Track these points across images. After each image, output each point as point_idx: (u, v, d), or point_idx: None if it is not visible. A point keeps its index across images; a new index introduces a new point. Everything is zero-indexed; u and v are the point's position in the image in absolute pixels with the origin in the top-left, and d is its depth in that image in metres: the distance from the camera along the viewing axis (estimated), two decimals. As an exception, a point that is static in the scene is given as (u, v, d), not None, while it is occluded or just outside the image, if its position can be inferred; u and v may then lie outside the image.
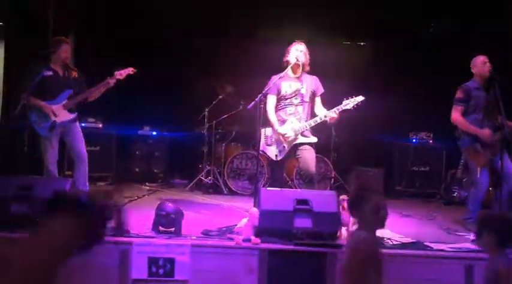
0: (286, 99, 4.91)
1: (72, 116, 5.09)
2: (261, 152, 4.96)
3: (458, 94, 5.01)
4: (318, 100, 5.00)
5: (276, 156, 4.88)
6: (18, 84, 6.30)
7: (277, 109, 4.97)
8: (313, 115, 4.97)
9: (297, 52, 4.87)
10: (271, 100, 4.93)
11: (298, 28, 6.53)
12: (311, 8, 7.33)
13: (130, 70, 5.11)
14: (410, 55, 7.72)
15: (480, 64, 4.97)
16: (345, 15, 7.55)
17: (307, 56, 4.96)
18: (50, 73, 5.02)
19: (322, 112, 4.85)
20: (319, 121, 4.83)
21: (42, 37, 6.18)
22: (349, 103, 4.71)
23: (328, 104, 4.96)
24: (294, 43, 4.97)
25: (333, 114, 4.75)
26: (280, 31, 6.55)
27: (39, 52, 5.19)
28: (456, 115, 4.98)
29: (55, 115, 4.96)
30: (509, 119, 4.85)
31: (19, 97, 5.10)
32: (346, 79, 7.08)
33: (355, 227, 2.92)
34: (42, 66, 5.04)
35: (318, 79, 5.03)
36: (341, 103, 4.74)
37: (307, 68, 5.00)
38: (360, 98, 4.72)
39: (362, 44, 8.17)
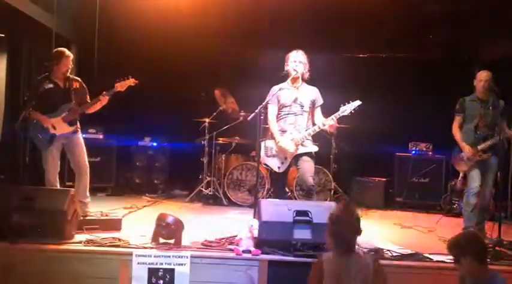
0: (286, 108, 4.90)
1: (72, 128, 5.06)
2: (263, 164, 4.98)
3: (456, 105, 5.28)
4: (317, 110, 4.99)
5: (279, 167, 4.88)
6: (20, 96, 6.35)
7: (277, 118, 4.95)
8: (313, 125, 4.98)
9: (295, 63, 4.88)
10: (272, 110, 4.92)
11: (300, 39, 6.55)
12: (313, 19, 7.37)
13: (131, 81, 5.07)
14: (411, 67, 7.77)
15: (477, 79, 5.14)
16: (346, 28, 7.60)
17: (306, 65, 4.94)
18: (51, 86, 5.00)
19: (321, 121, 4.87)
20: (318, 130, 4.82)
21: (44, 49, 6.21)
22: (347, 109, 4.72)
23: (329, 115, 4.97)
24: (292, 52, 4.95)
25: (331, 121, 4.76)
26: (282, 42, 6.56)
27: (41, 64, 5.19)
28: (453, 125, 5.26)
29: (54, 128, 4.96)
30: None
31: (20, 110, 5.11)
32: (347, 91, 7.06)
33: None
34: (43, 78, 5.05)
35: (317, 90, 5.03)
36: (339, 110, 4.76)
37: (307, 76, 4.98)
38: (357, 103, 4.71)
39: (363, 56, 8.21)
